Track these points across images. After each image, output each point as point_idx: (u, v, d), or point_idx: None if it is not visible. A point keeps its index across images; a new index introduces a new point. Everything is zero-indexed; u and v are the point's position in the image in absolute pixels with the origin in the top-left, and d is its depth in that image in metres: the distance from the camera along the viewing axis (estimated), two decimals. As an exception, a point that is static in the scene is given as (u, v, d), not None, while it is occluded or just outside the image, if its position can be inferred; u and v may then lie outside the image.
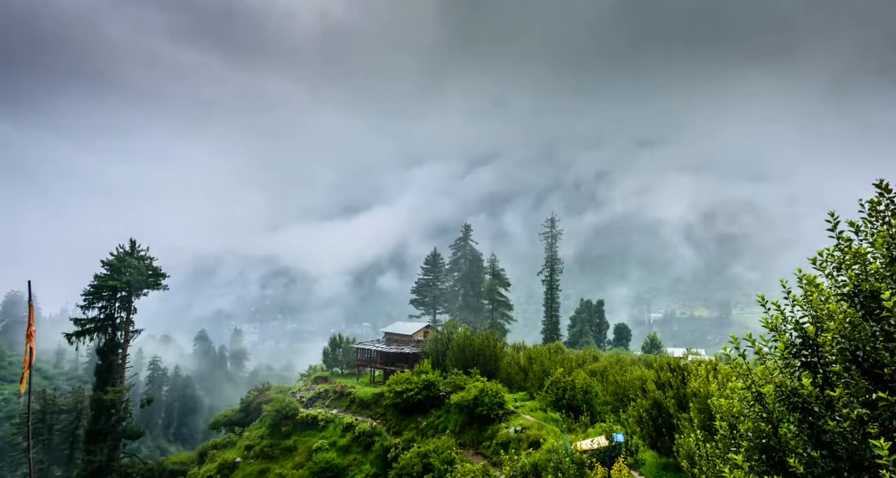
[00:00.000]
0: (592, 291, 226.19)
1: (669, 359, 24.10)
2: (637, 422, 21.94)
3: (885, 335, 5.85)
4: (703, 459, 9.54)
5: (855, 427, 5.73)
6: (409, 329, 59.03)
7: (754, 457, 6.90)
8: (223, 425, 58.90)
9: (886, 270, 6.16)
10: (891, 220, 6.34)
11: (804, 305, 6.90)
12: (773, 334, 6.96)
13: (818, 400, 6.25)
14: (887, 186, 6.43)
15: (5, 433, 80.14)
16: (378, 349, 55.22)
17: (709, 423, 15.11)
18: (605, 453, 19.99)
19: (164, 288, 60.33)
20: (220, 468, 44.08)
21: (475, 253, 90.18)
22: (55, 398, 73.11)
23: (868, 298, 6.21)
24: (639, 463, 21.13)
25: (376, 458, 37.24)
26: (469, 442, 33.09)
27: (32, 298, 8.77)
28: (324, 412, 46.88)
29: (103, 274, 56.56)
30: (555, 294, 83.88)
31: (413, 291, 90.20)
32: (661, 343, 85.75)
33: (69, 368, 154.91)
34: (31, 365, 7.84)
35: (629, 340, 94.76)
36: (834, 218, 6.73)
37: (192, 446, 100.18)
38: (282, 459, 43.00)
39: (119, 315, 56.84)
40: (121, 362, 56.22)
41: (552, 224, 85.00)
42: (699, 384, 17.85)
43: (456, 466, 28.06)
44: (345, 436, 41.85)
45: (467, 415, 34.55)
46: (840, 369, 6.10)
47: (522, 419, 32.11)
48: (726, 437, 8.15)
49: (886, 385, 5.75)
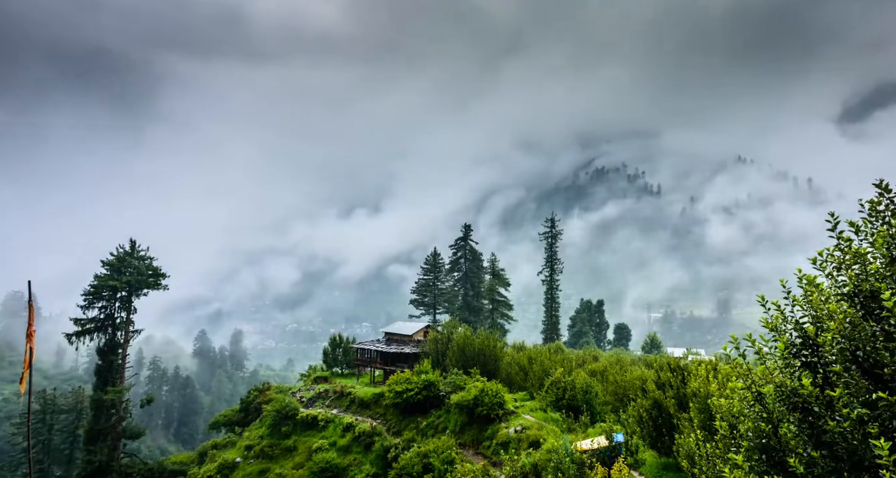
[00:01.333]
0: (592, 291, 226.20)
1: (669, 359, 24.10)
2: (637, 422, 21.95)
3: (885, 335, 5.85)
4: (704, 459, 9.55)
5: (855, 427, 5.73)
6: (409, 329, 59.02)
7: (754, 457, 6.90)
8: (223, 425, 58.86)
9: (886, 270, 6.16)
10: (891, 220, 6.34)
11: (804, 305, 6.90)
12: (773, 334, 6.96)
13: (818, 400, 6.25)
14: (887, 186, 6.44)
15: (5, 433, 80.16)
16: (378, 349, 55.22)
17: (709, 423, 15.12)
18: (605, 453, 19.99)
19: (165, 288, 60.34)
20: (220, 468, 44.07)
21: (475, 253, 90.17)
22: (55, 398, 73.10)
23: (868, 298, 6.21)
24: (639, 463, 21.13)
25: (376, 458, 37.24)
26: (469, 442, 33.09)
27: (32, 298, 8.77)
28: (324, 412, 46.88)
29: (103, 274, 56.58)
30: (555, 294, 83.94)
31: (413, 291, 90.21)
32: (661, 343, 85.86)
33: (69, 368, 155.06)
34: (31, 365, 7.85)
35: (629, 340, 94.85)
36: (834, 218, 6.73)
37: (192, 446, 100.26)
38: (282, 459, 43.00)
39: (119, 315, 56.88)
40: (121, 362, 56.24)
41: (552, 224, 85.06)
42: (699, 384, 17.86)
43: (456, 466, 28.05)
44: (345, 436, 41.84)
45: (467, 415, 34.55)
46: (840, 369, 6.10)
47: (522, 419, 32.11)
48: (726, 437, 8.16)
49: (886, 385, 5.75)
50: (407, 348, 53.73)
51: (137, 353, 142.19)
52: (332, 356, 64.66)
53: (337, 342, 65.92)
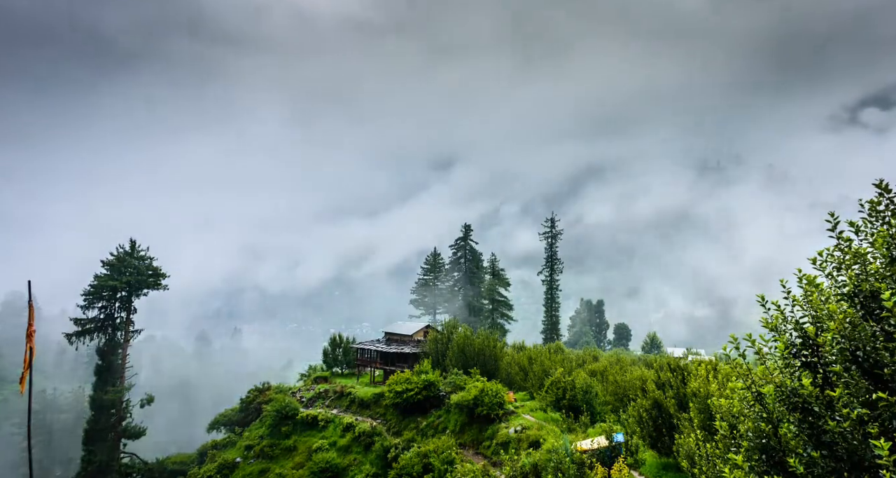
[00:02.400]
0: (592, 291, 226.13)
1: (669, 359, 24.11)
2: (637, 422, 21.95)
3: (885, 335, 5.84)
4: (703, 459, 9.55)
5: (855, 427, 5.73)
6: (409, 329, 59.00)
7: (754, 457, 6.90)
8: (223, 425, 58.86)
9: (886, 270, 6.16)
10: (891, 220, 6.34)
11: (804, 305, 6.90)
12: (773, 334, 6.96)
13: (818, 400, 6.24)
14: (887, 186, 6.43)
15: (5, 433, 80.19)
16: (378, 349, 55.22)
17: (709, 423, 15.12)
18: (605, 453, 20.00)
19: (165, 288, 60.35)
20: (220, 468, 44.07)
21: (475, 253, 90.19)
22: (55, 398, 73.13)
23: (868, 298, 6.21)
24: (639, 463, 21.13)
25: (376, 458, 37.24)
26: (469, 442, 33.09)
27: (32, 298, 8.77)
28: (324, 412, 46.87)
29: (103, 274, 56.59)
30: (555, 294, 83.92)
31: (413, 291, 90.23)
32: (661, 343, 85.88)
33: (69, 368, 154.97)
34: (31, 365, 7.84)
35: (629, 340, 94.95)
36: (834, 218, 6.72)
37: (192, 446, 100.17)
38: (282, 459, 42.99)
39: (119, 315, 56.90)
40: (121, 362, 56.26)
41: (552, 224, 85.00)
42: (699, 384, 17.86)
43: (456, 466, 28.05)
44: (345, 436, 41.84)
45: (467, 415, 34.55)
46: (840, 368, 6.10)
47: (522, 419, 32.12)
48: (726, 437, 8.16)
49: (886, 385, 5.75)
50: (407, 348, 53.72)
51: (137, 353, 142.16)
52: (332, 356, 64.66)
53: (337, 342, 65.93)
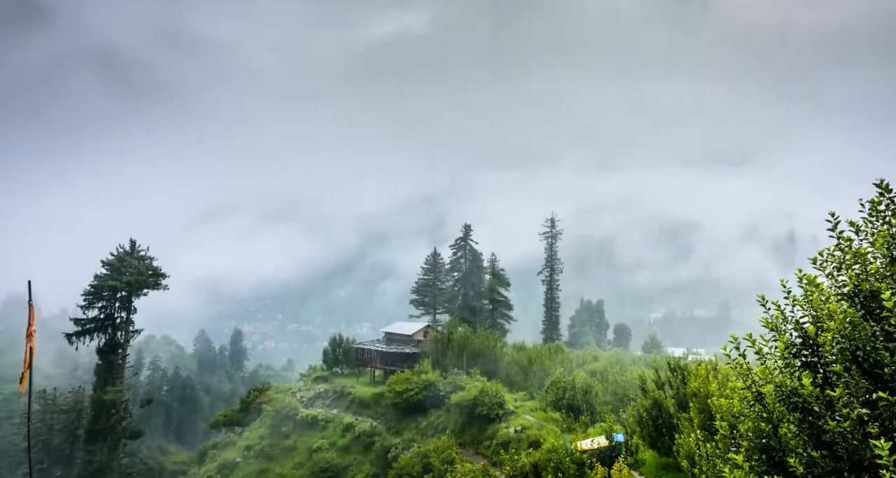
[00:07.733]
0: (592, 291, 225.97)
1: (669, 359, 24.11)
2: (637, 422, 21.96)
3: (885, 335, 5.84)
4: (703, 459, 9.55)
5: (855, 427, 5.73)
6: (409, 329, 59.02)
7: (754, 457, 6.90)
8: (223, 424, 58.88)
9: (886, 270, 6.15)
10: (891, 219, 6.34)
11: (804, 305, 6.90)
12: (773, 334, 6.95)
13: (818, 400, 6.24)
14: (887, 186, 6.43)
15: (5, 433, 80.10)
16: (378, 349, 55.23)
17: (709, 423, 15.10)
18: (605, 452, 20.01)
19: (165, 288, 60.31)
20: (220, 468, 44.09)
21: (475, 253, 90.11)
22: (55, 398, 73.06)
23: (868, 298, 6.21)
24: (639, 463, 21.13)
25: (376, 458, 37.26)
26: (469, 442, 33.11)
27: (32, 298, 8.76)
28: (324, 412, 46.87)
29: (103, 274, 56.59)
30: (555, 294, 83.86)
31: (413, 291, 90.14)
32: (661, 343, 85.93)
33: (69, 368, 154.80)
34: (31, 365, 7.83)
35: (629, 340, 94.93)
36: (834, 218, 6.72)
37: (192, 446, 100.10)
38: (282, 459, 42.99)
39: (119, 315, 56.88)
40: (121, 362, 56.27)
41: (552, 224, 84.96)
42: (699, 384, 17.85)
43: (456, 466, 28.05)
44: (345, 436, 41.86)
45: (467, 415, 34.57)
46: (840, 369, 6.10)
47: (522, 419, 32.13)
48: (726, 437, 8.16)
49: (886, 385, 5.74)
50: (407, 348, 53.72)
51: (137, 353, 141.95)
52: (332, 356, 64.67)
53: (337, 342, 65.97)
